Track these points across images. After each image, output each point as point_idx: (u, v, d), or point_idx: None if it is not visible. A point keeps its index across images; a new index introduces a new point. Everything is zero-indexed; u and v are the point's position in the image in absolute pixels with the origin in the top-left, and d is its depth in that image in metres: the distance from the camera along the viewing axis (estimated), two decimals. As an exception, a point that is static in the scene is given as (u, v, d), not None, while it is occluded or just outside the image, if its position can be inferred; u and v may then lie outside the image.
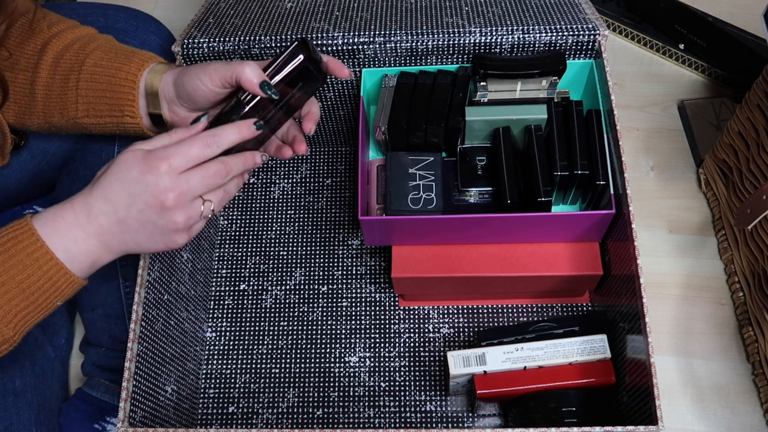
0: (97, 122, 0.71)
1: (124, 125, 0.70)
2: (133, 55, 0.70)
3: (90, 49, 0.70)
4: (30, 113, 0.72)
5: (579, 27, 0.79)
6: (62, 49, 0.70)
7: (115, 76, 0.69)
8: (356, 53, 0.82)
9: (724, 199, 0.92)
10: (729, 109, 1.03)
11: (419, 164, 0.78)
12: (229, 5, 0.89)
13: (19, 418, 0.76)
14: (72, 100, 0.70)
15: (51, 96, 0.70)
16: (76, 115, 0.70)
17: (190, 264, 0.85)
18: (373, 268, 0.92)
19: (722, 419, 0.84)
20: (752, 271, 0.84)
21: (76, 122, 0.71)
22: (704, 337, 0.89)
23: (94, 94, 0.69)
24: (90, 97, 0.69)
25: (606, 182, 0.73)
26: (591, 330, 0.75)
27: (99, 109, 0.70)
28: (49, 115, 0.72)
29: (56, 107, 0.71)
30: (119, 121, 0.70)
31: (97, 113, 0.70)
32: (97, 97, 0.69)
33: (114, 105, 0.69)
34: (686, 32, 1.07)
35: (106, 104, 0.69)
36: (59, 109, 0.71)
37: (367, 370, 0.86)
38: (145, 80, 0.68)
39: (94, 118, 0.70)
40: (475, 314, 0.89)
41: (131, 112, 0.69)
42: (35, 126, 0.73)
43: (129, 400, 0.66)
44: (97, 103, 0.70)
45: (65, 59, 0.70)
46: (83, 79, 0.69)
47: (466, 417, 0.83)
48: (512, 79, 0.78)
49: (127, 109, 0.69)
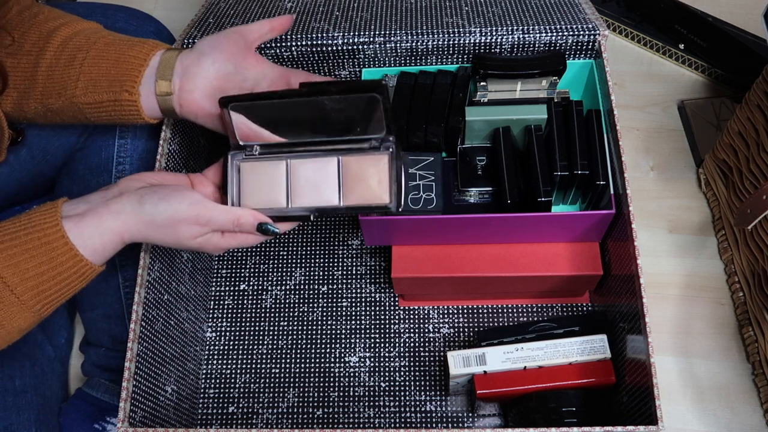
0: (95, 100, 0.70)
1: (121, 103, 0.69)
2: (146, 42, 0.71)
3: (102, 34, 0.71)
4: (28, 97, 0.71)
5: (579, 27, 0.79)
6: (72, 34, 0.70)
7: (126, 53, 0.69)
8: (356, 53, 0.82)
9: (724, 199, 0.92)
10: (729, 109, 1.03)
11: (419, 164, 0.78)
12: (229, 5, 0.89)
13: (19, 418, 0.76)
14: (73, 77, 0.69)
15: (53, 76, 0.69)
16: (74, 93, 0.69)
17: (190, 264, 0.85)
18: (373, 268, 0.92)
19: (722, 419, 0.84)
20: (752, 271, 0.84)
21: (73, 102, 0.70)
22: (704, 337, 0.89)
23: (98, 71, 0.69)
24: (93, 74, 0.69)
25: (606, 182, 0.73)
26: (591, 330, 0.75)
27: (99, 85, 0.69)
28: (46, 97, 0.70)
29: (56, 87, 0.70)
30: (117, 97, 0.69)
31: (96, 89, 0.69)
32: (100, 74, 0.69)
33: (115, 80, 0.68)
34: (686, 32, 1.07)
35: (107, 80, 0.68)
36: (58, 88, 0.69)
37: (367, 370, 0.86)
38: (159, 56, 0.69)
39: (92, 95, 0.69)
40: (475, 314, 0.89)
41: (130, 87, 0.68)
42: (32, 111, 0.72)
43: (129, 400, 0.66)
44: (98, 79, 0.68)
45: (75, 41, 0.70)
46: (91, 56, 0.69)
47: (466, 417, 0.83)
48: (512, 79, 0.78)
49: (127, 84, 0.68)
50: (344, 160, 0.68)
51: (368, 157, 0.68)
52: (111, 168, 0.83)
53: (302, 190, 0.68)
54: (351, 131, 0.67)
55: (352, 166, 0.68)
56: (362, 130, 0.67)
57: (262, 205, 0.68)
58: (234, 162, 0.69)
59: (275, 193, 0.68)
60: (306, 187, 0.68)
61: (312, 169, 0.68)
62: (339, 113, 0.66)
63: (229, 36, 0.72)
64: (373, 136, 0.67)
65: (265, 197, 0.69)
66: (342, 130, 0.67)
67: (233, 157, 0.69)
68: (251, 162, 0.69)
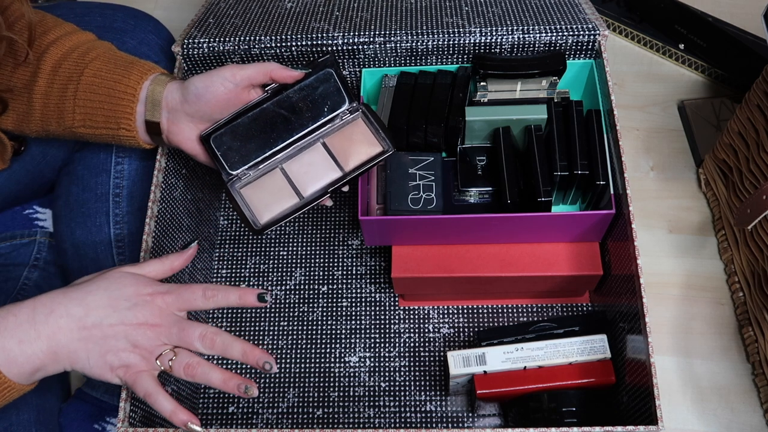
0: (93, 132, 0.71)
1: (120, 137, 0.71)
2: (133, 66, 0.70)
3: (89, 58, 0.70)
4: (28, 121, 0.72)
5: (579, 27, 0.79)
6: (61, 57, 0.70)
7: (114, 88, 0.68)
8: (356, 53, 0.82)
9: (724, 199, 0.92)
10: (729, 109, 1.03)
11: (419, 164, 0.78)
12: (229, 5, 0.89)
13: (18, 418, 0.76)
14: (69, 109, 0.70)
15: (49, 105, 0.70)
16: (73, 125, 0.70)
17: (190, 264, 0.85)
18: (373, 268, 0.92)
19: (722, 419, 0.84)
20: (752, 271, 0.84)
21: (73, 131, 0.71)
22: (704, 337, 0.89)
23: (91, 105, 0.69)
24: (87, 108, 0.69)
25: (606, 182, 0.73)
26: (591, 330, 0.75)
27: (95, 120, 0.70)
28: (46, 123, 0.72)
29: (53, 116, 0.71)
30: (115, 133, 0.70)
31: (93, 124, 0.70)
32: (94, 108, 0.69)
33: (110, 117, 0.69)
34: (686, 32, 1.07)
35: (102, 116, 0.69)
36: (56, 118, 0.71)
37: (367, 370, 0.86)
38: (146, 89, 0.69)
39: (90, 128, 0.70)
40: (475, 314, 0.88)
41: (127, 125, 0.69)
42: (33, 134, 0.74)
43: (129, 400, 0.66)
44: (93, 114, 0.69)
45: (64, 68, 0.70)
46: (81, 89, 0.69)
47: (466, 417, 0.83)
48: (512, 79, 0.78)
49: (124, 122, 0.69)
50: (327, 140, 0.74)
51: (345, 129, 0.74)
52: (110, 168, 0.83)
53: (306, 180, 0.73)
54: (321, 114, 0.73)
55: (335, 142, 0.74)
56: (330, 109, 0.73)
57: (278, 211, 0.72)
58: (235, 190, 0.73)
59: (285, 197, 0.73)
60: (308, 176, 0.73)
61: (305, 162, 0.73)
62: (305, 102, 0.73)
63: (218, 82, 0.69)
64: (340, 110, 0.74)
65: (277, 205, 0.72)
66: (314, 116, 0.73)
67: (232, 186, 0.73)
68: (250, 184, 0.74)
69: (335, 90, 0.73)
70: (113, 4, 0.87)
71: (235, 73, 0.68)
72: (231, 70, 0.68)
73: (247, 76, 0.68)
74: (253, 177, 0.74)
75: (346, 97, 0.73)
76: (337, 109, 0.74)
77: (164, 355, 0.58)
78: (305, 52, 0.82)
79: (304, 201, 0.72)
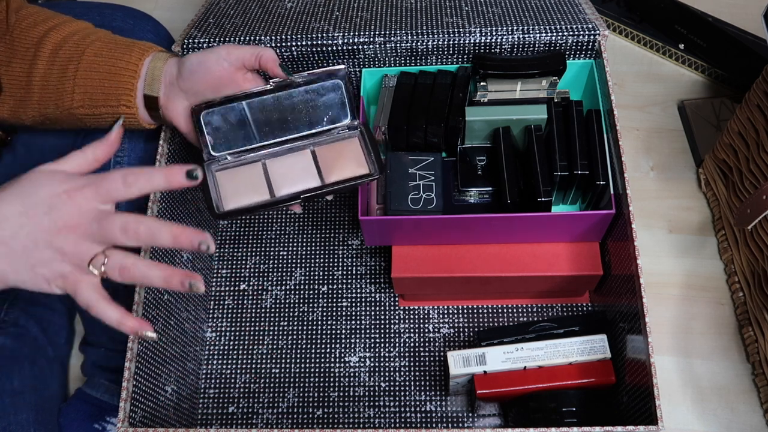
0: (92, 112, 0.70)
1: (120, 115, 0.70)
2: (133, 46, 0.70)
3: (90, 40, 0.70)
4: (25, 105, 0.71)
5: (579, 27, 0.79)
6: (61, 40, 0.70)
7: (115, 65, 0.68)
8: (356, 53, 0.82)
9: (724, 199, 0.92)
10: (729, 109, 1.03)
11: (419, 164, 0.78)
12: (229, 5, 0.89)
13: (17, 418, 0.76)
14: (69, 89, 0.69)
15: (48, 87, 0.70)
16: (72, 105, 0.70)
17: (190, 264, 0.85)
18: (373, 268, 0.92)
19: (722, 419, 0.84)
20: (752, 271, 0.84)
21: (71, 113, 0.70)
22: (704, 337, 0.89)
23: (91, 84, 0.69)
24: (87, 86, 0.69)
25: (606, 182, 0.73)
26: (591, 330, 0.75)
27: (95, 99, 0.69)
28: (44, 107, 0.71)
29: (52, 98, 0.70)
30: (114, 111, 0.69)
31: (93, 103, 0.69)
32: (94, 86, 0.69)
33: (111, 94, 0.69)
34: (686, 32, 1.07)
35: (102, 93, 0.69)
36: (55, 99, 0.70)
37: (367, 370, 0.86)
38: (147, 66, 0.69)
39: (90, 108, 0.70)
40: (475, 314, 0.88)
41: (127, 101, 0.69)
42: (30, 119, 0.73)
43: (129, 400, 0.66)
44: (93, 93, 0.69)
45: (64, 50, 0.69)
46: (82, 68, 0.69)
47: (466, 417, 0.83)
48: (512, 79, 0.78)
49: (124, 98, 0.69)
50: (317, 149, 0.73)
51: (338, 143, 0.73)
52: (109, 166, 0.82)
53: (283, 180, 0.71)
54: (319, 122, 0.72)
55: (325, 153, 0.72)
56: (330, 120, 0.72)
57: (246, 203, 0.70)
58: (210, 171, 0.72)
59: (257, 191, 0.71)
60: (286, 177, 0.71)
61: (288, 163, 0.72)
62: (306, 105, 0.71)
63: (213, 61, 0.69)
64: (340, 124, 0.72)
65: (246, 196, 0.71)
66: (311, 123, 0.72)
67: (208, 167, 0.72)
68: (226, 170, 0.72)
69: (340, 103, 0.72)
70: (112, 3, 0.87)
71: (230, 52, 0.68)
72: (226, 49, 0.68)
73: (240, 55, 0.68)
74: (232, 163, 0.72)
75: (349, 113, 0.72)
76: (337, 122, 0.72)
77: (96, 259, 0.52)
78: (305, 52, 0.81)
79: (274, 200, 0.70)
